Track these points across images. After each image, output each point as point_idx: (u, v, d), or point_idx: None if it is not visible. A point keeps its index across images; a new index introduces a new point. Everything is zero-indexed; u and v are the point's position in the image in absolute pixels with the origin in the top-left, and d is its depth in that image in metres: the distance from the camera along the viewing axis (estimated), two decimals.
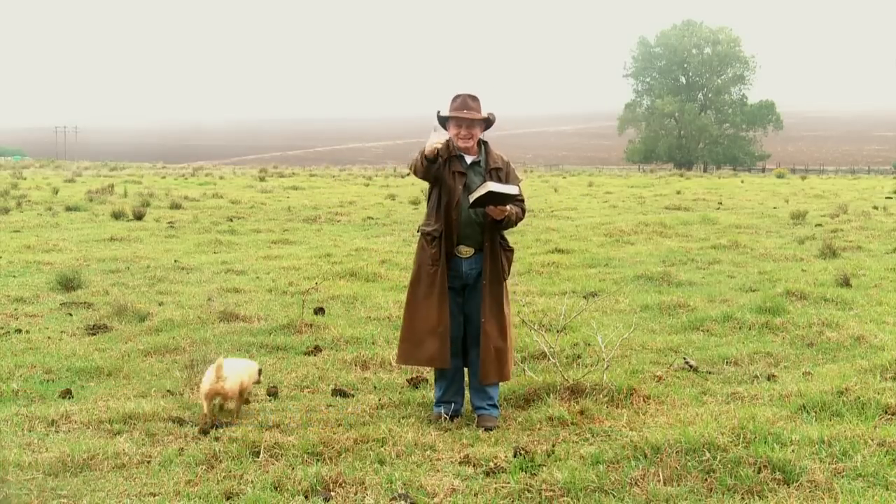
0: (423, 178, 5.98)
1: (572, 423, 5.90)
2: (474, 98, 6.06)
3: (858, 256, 14.62)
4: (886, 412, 5.92)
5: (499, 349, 6.00)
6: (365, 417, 6.12)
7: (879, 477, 4.84)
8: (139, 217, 21.48)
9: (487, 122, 6.09)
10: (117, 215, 21.68)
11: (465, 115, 5.97)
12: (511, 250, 6.21)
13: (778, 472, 4.82)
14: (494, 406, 6.10)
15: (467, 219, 6.02)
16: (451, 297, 6.07)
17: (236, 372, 6.03)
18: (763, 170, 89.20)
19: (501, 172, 6.07)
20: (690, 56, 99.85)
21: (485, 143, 6.17)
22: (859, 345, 8.10)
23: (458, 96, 6.08)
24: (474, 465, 5.20)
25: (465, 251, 6.05)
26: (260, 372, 6.45)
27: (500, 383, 6.22)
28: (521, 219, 6.15)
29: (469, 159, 6.08)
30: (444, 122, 6.11)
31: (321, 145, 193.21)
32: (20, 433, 5.77)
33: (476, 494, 4.77)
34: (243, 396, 6.17)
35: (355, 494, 4.79)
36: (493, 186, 5.82)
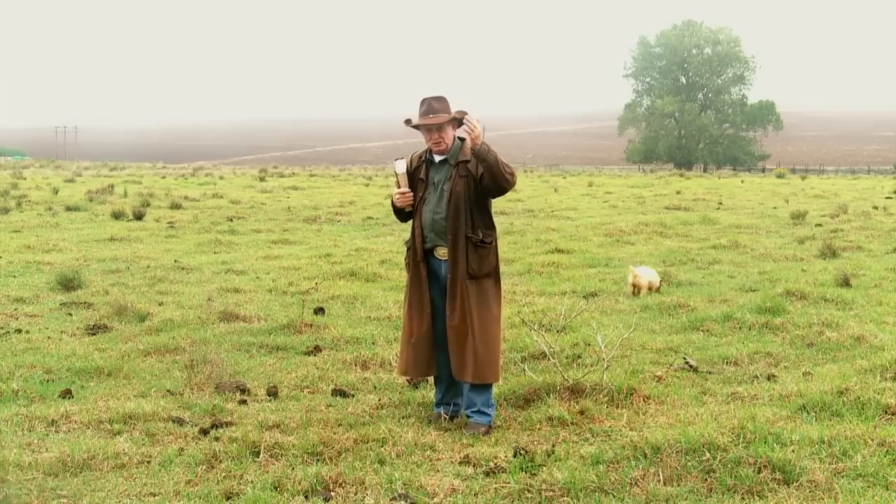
0: (404, 221, 6.27)
1: (572, 423, 5.89)
2: (440, 99, 5.92)
3: (858, 256, 14.62)
4: (886, 412, 5.92)
5: (461, 348, 5.87)
6: (365, 417, 6.12)
7: (879, 477, 4.84)
8: (139, 217, 21.48)
9: (459, 122, 5.91)
10: (117, 215, 21.68)
11: (432, 121, 5.87)
12: (484, 245, 5.90)
13: (778, 472, 4.81)
14: (479, 412, 5.95)
15: (430, 221, 5.97)
16: (439, 301, 6.02)
17: (644, 275, 11.00)
18: (763, 170, 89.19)
19: (470, 164, 5.90)
20: (690, 56, 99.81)
21: (462, 139, 6.01)
22: (859, 345, 8.10)
23: (423, 101, 5.95)
24: (474, 465, 5.20)
25: (442, 253, 5.99)
26: (660, 282, 11.25)
27: (492, 388, 6.06)
28: (504, 167, 5.71)
29: (438, 158, 6.03)
30: (416, 127, 5.99)
31: (321, 145, 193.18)
32: (20, 433, 5.77)
33: (476, 494, 4.77)
34: (645, 288, 10.88)
35: (355, 494, 4.79)
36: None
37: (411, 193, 6.03)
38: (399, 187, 6.07)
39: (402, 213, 6.19)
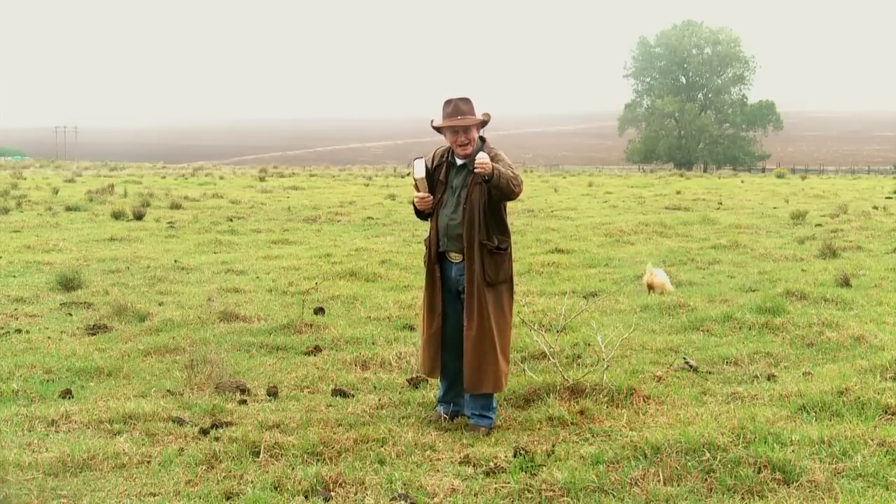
0: (424, 220, 6.18)
1: (572, 423, 5.89)
2: (466, 101, 5.88)
3: (858, 256, 14.62)
4: (886, 412, 5.92)
5: (480, 358, 5.82)
6: (365, 417, 6.12)
7: (879, 477, 4.85)
8: (139, 217, 21.48)
9: (484, 124, 5.92)
10: (117, 215, 21.68)
11: (459, 122, 5.83)
12: (500, 252, 5.89)
13: (778, 472, 4.82)
14: (482, 416, 5.96)
15: (444, 226, 5.95)
16: (449, 302, 6.04)
17: (660, 276, 11.25)
18: (763, 170, 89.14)
19: None
20: (690, 56, 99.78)
21: (482, 139, 6.00)
22: (859, 345, 8.10)
23: (448, 101, 5.88)
24: (474, 465, 5.20)
25: (455, 256, 5.97)
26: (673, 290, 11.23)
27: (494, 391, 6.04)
28: (512, 182, 5.70)
29: (459, 162, 5.98)
30: (438, 129, 5.97)
31: (321, 145, 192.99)
32: (20, 433, 5.78)
33: (476, 494, 4.77)
34: (658, 287, 11.05)
35: (355, 494, 4.79)
36: (425, 166, 5.97)
37: (431, 197, 5.98)
38: (418, 190, 6.01)
39: (422, 214, 6.14)
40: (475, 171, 5.70)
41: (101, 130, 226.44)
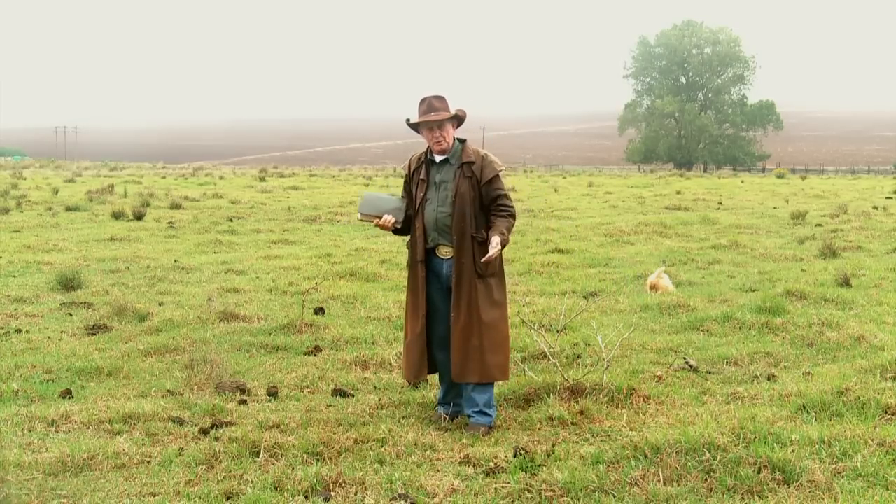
0: (401, 235, 6.33)
1: (572, 423, 5.89)
2: (440, 98, 5.97)
3: (858, 256, 14.62)
4: (886, 412, 5.92)
5: (465, 347, 5.88)
6: (365, 417, 6.12)
7: (879, 477, 4.84)
8: (139, 217, 21.48)
9: (459, 120, 5.99)
10: (117, 215, 21.68)
11: (433, 118, 5.90)
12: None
13: (778, 472, 4.82)
14: (481, 413, 5.96)
15: (433, 220, 5.98)
16: (442, 300, 6.04)
17: (664, 279, 11.41)
18: (763, 170, 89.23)
19: (475, 166, 5.94)
20: (690, 56, 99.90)
21: (462, 141, 6.07)
22: (859, 345, 8.09)
23: (423, 100, 5.98)
24: (474, 465, 5.20)
25: (445, 252, 6.00)
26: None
27: (493, 388, 6.05)
28: (511, 227, 6.01)
29: (439, 158, 6.02)
30: (414, 127, 6.03)
31: (321, 145, 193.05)
32: (20, 433, 5.78)
33: (476, 494, 4.77)
34: (661, 289, 11.09)
35: (355, 494, 4.79)
36: (366, 198, 6.16)
37: (389, 218, 6.08)
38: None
39: (399, 230, 6.23)
40: (493, 258, 5.84)
41: (101, 130, 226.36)
